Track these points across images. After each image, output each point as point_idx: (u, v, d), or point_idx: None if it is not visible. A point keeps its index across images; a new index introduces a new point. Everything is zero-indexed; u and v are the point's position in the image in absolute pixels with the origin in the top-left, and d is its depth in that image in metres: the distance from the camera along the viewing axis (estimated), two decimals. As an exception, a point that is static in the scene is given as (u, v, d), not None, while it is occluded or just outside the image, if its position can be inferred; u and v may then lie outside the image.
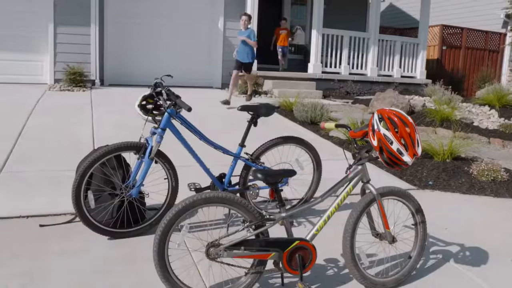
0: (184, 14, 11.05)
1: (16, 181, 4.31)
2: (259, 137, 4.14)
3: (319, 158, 3.99)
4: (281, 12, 13.88)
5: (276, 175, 2.52)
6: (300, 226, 3.71)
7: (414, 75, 13.13)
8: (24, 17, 9.49)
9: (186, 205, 2.39)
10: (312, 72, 11.60)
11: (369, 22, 12.66)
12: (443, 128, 8.13)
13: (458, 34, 15.92)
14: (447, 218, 4.24)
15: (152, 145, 3.28)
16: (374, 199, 2.72)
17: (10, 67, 9.52)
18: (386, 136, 2.52)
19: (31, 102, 7.40)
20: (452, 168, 5.73)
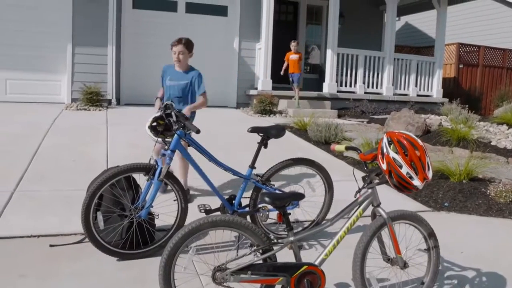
0: (200, 34, 11.17)
1: (29, 200, 4.35)
2: (273, 157, 4.12)
3: (330, 179, 3.94)
4: (296, 32, 13.94)
5: (284, 198, 2.49)
6: (311, 249, 3.66)
7: (430, 94, 13.02)
8: (43, 38, 9.71)
9: (192, 229, 2.37)
10: (327, 91, 11.58)
11: (385, 41, 12.65)
12: (460, 147, 8.00)
13: (475, 52, 15.79)
14: (463, 241, 4.14)
15: (162, 166, 3.28)
16: (384, 223, 2.67)
17: (29, 86, 9.72)
18: (396, 160, 2.47)
19: (47, 121, 7.51)
20: (469, 189, 5.62)
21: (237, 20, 11.35)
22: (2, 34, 9.50)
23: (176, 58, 4.58)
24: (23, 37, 9.59)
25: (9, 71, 9.58)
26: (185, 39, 4.63)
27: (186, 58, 4.63)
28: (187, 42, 4.62)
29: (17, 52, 9.59)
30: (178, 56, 4.56)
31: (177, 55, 4.56)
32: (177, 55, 4.56)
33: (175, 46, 4.56)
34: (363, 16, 14.04)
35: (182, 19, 11.11)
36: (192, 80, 4.67)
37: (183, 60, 4.61)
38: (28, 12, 9.62)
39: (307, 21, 14.11)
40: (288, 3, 13.77)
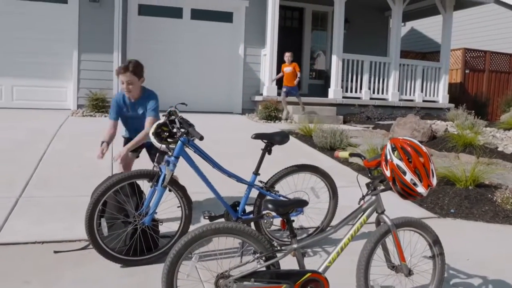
0: (205, 40, 11.23)
1: (34, 206, 4.36)
2: (278, 163, 4.12)
3: (335, 186, 3.93)
4: (302, 38, 13.97)
5: (287, 205, 2.48)
6: (315, 256, 3.64)
7: (436, 100, 12.98)
8: (50, 45, 9.79)
9: (195, 236, 2.36)
10: (333, 97, 11.57)
11: (390, 46, 12.63)
12: (466, 153, 7.95)
13: (481, 57, 15.73)
14: (469, 248, 4.10)
15: (165, 173, 3.28)
16: (389, 231, 2.65)
17: (36, 93, 9.79)
18: (399, 167, 2.46)
19: (53, 127, 7.54)
20: (475, 195, 5.57)
21: (242, 26, 11.38)
22: (9, 41, 9.59)
23: (126, 88, 3.97)
24: (29, 44, 9.68)
25: (16, 77, 9.66)
26: (132, 65, 3.95)
27: (137, 86, 4.01)
28: (134, 68, 3.94)
29: (24, 59, 9.66)
30: (127, 87, 3.96)
31: (126, 86, 3.96)
32: (126, 86, 3.96)
33: (122, 75, 3.92)
34: (369, 22, 14.05)
35: (187, 26, 11.15)
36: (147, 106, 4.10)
37: (134, 90, 4.00)
38: (35, 20, 9.71)
39: (312, 27, 14.14)
40: (293, 9, 13.80)
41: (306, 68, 14.04)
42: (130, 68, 3.90)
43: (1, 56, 9.58)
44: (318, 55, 14.50)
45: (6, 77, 9.62)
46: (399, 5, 12.14)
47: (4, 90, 9.71)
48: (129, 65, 3.92)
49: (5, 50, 9.59)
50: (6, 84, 9.68)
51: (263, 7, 11.22)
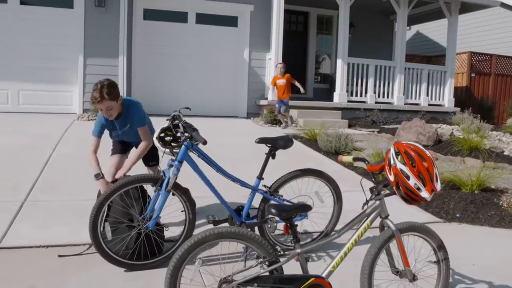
0: (210, 45, 11.26)
1: (39, 210, 4.38)
2: (282, 167, 4.12)
3: (339, 190, 3.92)
4: (307, 42, 13.97)
5: (290, 210, 2.47)
6: (320, 261, 3.63)
7: (442, 103, 12.93)
8: (55, 50, 9.84)
9: (198, 240, 2.36)
10: (338, 101, 11.55)
11: (395, 50, 12.61)
12: (472, 157, 7.92)
13: (487, 60, 15.67)
14: (474, 253, 4.08)
15: (169, 177, 3.29)
16: (393, 236, 2.63)
17: (42, 97, 9.84)
18: (403, 171, 2.45)
19: (59, 131, 7.58)
20: (481, 200, 5.54)
21: (247, 30, 11.41)
22: (15, 46, 9.65)
23: (106, 114, 3.65)
24: (35, 49, 9.74)
25: (22, 82, 9.72)
26: (107, 91, 3.50)
27: (116, 108, 3.63)
28: (110, 94, 3.52)
29: (30, 63, 9.72)
30: (108, 113, 3.63)
31: (106, 112, 3.63)
32: (106, 112, 3.63)
33: (100, 104, 3.54)
34: (374, 26, 14.04)
35: (192, 30, 11.19)
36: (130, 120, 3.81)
37: (115, 112, 3.66)
38: (41, 25, 9.77)
39: (317, 31, 14.15)
40: (298, 13, 13.82)
41: (311, 72, 14.04)
42: (106, 96, 3.49)
43: (8, 61, 9.64)
44: (323, 59, 14.50)
45: (13, 82, 9.68)
46: (404, 9, 12.12)
47: (11, 94, 9.76)
48: (103, 93, 3.49)
49: (11, 55, 9.66)
50: (12, 88, 9.74)
51: (268, 11, 11.24)
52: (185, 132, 3.33)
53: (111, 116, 3.67)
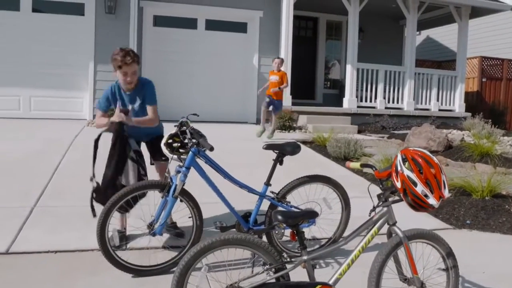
0: (220, 51, 11.30)
1: (48, 216, 4.40)
2: (292, 173, 4.11)
3: (347, 197, 3.90)
4: (316, 47, 13.97)
5: (297, 217, 2.46)
6: (327, 267, 3.61)
7: (453, 108, 12.84)
8: (66, 56, 9.94)
9: (204, 247, 2.35)
10: (347, 106, 11.53)
11: (405, 55, 12.56)
12: (483, 163, 7.85)
13: (498, 65, 15.55)
14: (485, 260, 4.03)
15: (176, 183, 3.29)
16: (400, 243, 2.61)
17: (53, 103, 9.94)
18: (410, 178, 2.43)
19: (69, 137, 7.63)
20: (492, 206, 5.48)
21: (256, 36, 11.43)
22: (27, 53, 9.76)
23: (130, 80, 3.61)
24: (47, 56, 9.84)
25: (34, 88, 9.82)
26: (133, 53, 3.60)
27: (136, 77, 3.67)
28: (137, 56, 3.64)
29: (41, 70, 9.82)
30: (132, 78, 3.62)
31: (131, 77, 3.61)
32: (131, 77, 3.61)
33: (128, 66, 3.53)
34: (383, 31, 14.00)
35: (202, 36, 11.24)
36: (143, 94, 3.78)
37: (135, 81, 3.67)
38: (52, 32, 9.87)
39: (327, 36, 14.15)
40: (307, 19, 13.83)
41: (320, 78, 14.04)
42: (135, 58, 3.57)
43: (20, 67, 9.75)
44: (332, 64, 14.48)
45: (24, 88, 9.78)
46: (414, 14, 12.08)
47: (22, 100, 9.87)
48: (132, 55, 3.55)
49: (23, 61, 9.76)
50: (24, 94, 9.84)
51: (277, 17, 11.26)
52: (193, 138, 3.34)
53: (131, 83, 3.63)
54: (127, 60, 3.53)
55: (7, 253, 3.62)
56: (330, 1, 11.90)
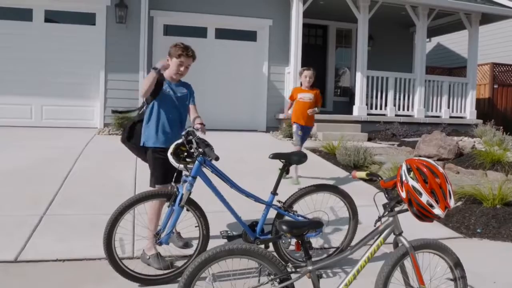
0: (229, 59, 11.35)
1: (57, 224, 4.44)
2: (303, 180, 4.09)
3: (355, 206, 3.88)
4: (326, 55, 13.97)
5: (301, 227, 2.46)
6: (334, 277, 3.59)
7: (464, 116, 12.74)
8: (77, 65, 10.05)
9: (209, 257, 2.35)
10: (357, 114, 11.49)
11: (415, 62, 12.50)
12: (494, 171, 7.76)
13: (509, 71, 15.42)
14: (496, 270, 3.98)
15: (183, 192, 3.30)
16: (406, 253, 2.59)
17: (64, 112, 10.05)
18: (415, 188, 2.41)
19: (80, 146, 7.70)
20: (503, 214, 5.42)
21: (266, 45, 11.47)
22: (39, 62, 9.90)
23: (183, 71, 3.92)
24: (58, 65, 9.96)
25: (45, 97, 9.94)
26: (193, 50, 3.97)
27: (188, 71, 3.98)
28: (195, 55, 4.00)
29: (53, 79, 9.94)
30: (185, 71, 3.94)
31: (185, 69, 3.93)
32: (185, 69, 3.93)
33: (188, 58, 3.87)
34: (393, 38, 13.96)
35: (212, 45, 11.30)
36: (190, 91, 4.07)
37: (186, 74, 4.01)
38: (64, 41, 10.00)
39: (337, 44, 14.14)
40: (317, 27, 13.84)
41: (330, 86, 14.01)
42: (194, 55, 3.94)
43: (32, 76, 9.88)
44: (343, 72, 14.46)
45: (36, 97, 9.91)
46: (424, 21, 12.04)
47: (34, 109, 9.99)
48: (193, 51, 3.92)
49: (35, 70, 9.90)
50: (35, 103, 9.97)
51: (286, 25, 11.29)
52: (198, 147, 3.35)
53: (182, 75, 3.95)
54: (189, 52, 3.85)
55: (15, 261, 3.65)
56: (339, 9, 11.91)
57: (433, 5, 11.89)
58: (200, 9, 10.94)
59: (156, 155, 3.70)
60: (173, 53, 3.85)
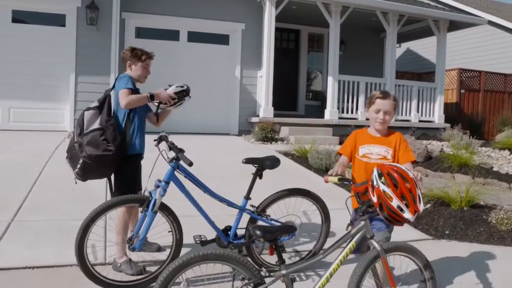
0: (202, 62, 11.31)
1: (26, 230, 4.35)
2: (273, 185, 4.12)
3: (327, 210, 3.93)
4: (298, 59, 14.08)
5: (275, 232, 2.48)
6: (307, 280, 3.62)
7: (432, 120, 13.03)
8: (47, 67, 9.86)
9: (183, 263, 2.35)
10: (329, 118, 11.61)
11: (385, 67, 12.73)
12: (462, 173, 7.97)
13: (476, 77, 15.84)
14: (463, 270, 4.09)
15: (156, 198, 3.29)
16: (378, 256, 2.64)
17: (33, 115, 9.82)
18: (386, 193, 2.47)
19: (49, 149, 7.55)
20: (470, 216, 5.57)
21: (238, 48, 11.49)
22: (6, 64, 9.66)
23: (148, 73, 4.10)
24: (27, 67, 9.74)
25: (13, 99, 9.70)
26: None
27: None
28: None
29: (21, 81, 9.72)
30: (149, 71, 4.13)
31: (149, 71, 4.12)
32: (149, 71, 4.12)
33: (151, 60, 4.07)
34: (364, 43, 14.19)
35: (184, 48, 11.25)
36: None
37: None
38: (33, 43, 9.79)
39: (309, 48, 14.28)
40: (289, 31, 13.95)
41: (302, 89, 14.13)
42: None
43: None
44: (314, 76, 14.61)
45: (3, 99, 9.66)
46: (394, 26, 12.28)
47: (1, 112, 9.73)
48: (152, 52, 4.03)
49: (2, 72, 9.65)
50: (3, 106, 9.72)
51: (259, 29, 11.33)
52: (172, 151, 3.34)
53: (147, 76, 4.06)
54: (152, 54, 4.02)
55: (-17, 269, 3.56)
56: (311, 14, 12.03)
57: (403, 11, 12.15)
58: (173, 12, 10.89)
59: (138, 161, 3.72)
60: (136, 58, 3.92)
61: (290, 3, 11.13)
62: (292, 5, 11.40)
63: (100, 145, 3.39)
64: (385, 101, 3.18)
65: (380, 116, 3.17)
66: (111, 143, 3.41)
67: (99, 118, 3.51)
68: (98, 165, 3.43)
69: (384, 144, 3.19)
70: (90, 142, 3.40)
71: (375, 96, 3.23)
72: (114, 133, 3.47)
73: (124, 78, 3.71)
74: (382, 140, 3.21)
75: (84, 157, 3.39)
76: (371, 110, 3.24)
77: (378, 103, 3.19)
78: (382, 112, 3.17)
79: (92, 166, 3.43)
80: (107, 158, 3.41)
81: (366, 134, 3.32)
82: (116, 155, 3.45)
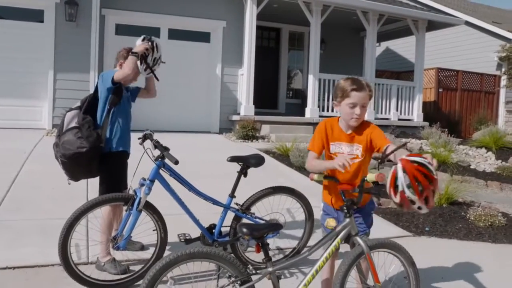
0: (183, 60, 11.24)
1: (5, 230, 4.27)
2: (255, 183, 4.13)
3: (310, 207, 3.95)
4: (279, 58, 14.11)
5: (261, 229, 2.49)
6: (292, 277, 3.64)
7: (411, 118, 13.21)
8: (25, 64, 9.68)
9: (170, 261, 2.35)
10: (310, 116, 11.67)
11: (365, 66, 12.86)
12: (440, 171, 8.11)
13: (453, 76, 16.11)
14: (443, 266, 4.17)
15: (141, 196, 3.26)
16: (362, 253, 2.67)
17: (11, 112, 9.62)
18: (410, 199, 2.37)
19: (27, 148, 7.42)
20: (449, 213, 5.69)
21: (219, 46, 11.46)
22: (-18, 60, 9.46)
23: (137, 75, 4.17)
24: (3, 63, 9.54)
25: (-11, 97, 9.51)
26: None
27: None
28: None
29: (-2, 77, 9.53)
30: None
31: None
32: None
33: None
34: (344, 42, 14.30)
35: (165, 46, 11.11)
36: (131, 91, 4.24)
37: None
38: (10, 38, 9.60)
39: (289, 47, 14.33)
40: (270, 30, 13.97)
41: (283, 88, 14.18)
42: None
43: (-26, 75, 9.43)
44: (295, 74, 14.67)
45: (-21, 97, 9.46)
46: (374, 26, 12.41)
47: (-23, 109, 9.54)
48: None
49: (-22, 69, 9.46)
50: (-22, 103, 9.52)
51: (240, 27, 11.32)
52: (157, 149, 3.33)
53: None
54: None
55: (-39, 270, 3.49)
56: (292, 12, 12.07)
57: (382, 11, 12.28)
58: (153, 9, 10.79)
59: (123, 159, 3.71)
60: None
61: (271, 1, 11.14)
62: (273, 3, 11.41)
63: (74, 143, 3.38)
64: (361, 93, 2.75)
65: (356, 111, 2.76)
66: (85, 140, 3.38)
67: (77, 117, 3.48)
68: (76, 164, 3.41)
69: (355, 141, 2.88)
70: (65, 141, 3.39)
71: (350, 88, 2.75)
72: (88, 130, 3.44)
73: (111, 71, 3.78)
74: (353, 138, 2.88)
75: (60, 156, 3.37)
76: (344, 104, 2.79)
77: (353, 96, 2.75)
78: (358, 107, 2.76)
79: (72, 165, 3.41)
80: (82, 155, 3.38)
81: (336, 129, 2.91)
82: (90, 151, 3.41)
